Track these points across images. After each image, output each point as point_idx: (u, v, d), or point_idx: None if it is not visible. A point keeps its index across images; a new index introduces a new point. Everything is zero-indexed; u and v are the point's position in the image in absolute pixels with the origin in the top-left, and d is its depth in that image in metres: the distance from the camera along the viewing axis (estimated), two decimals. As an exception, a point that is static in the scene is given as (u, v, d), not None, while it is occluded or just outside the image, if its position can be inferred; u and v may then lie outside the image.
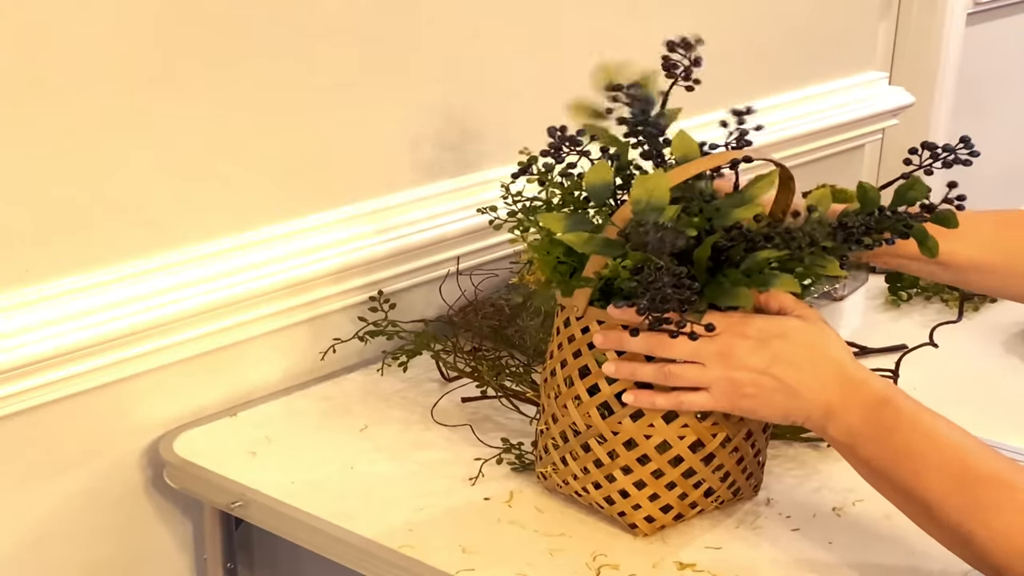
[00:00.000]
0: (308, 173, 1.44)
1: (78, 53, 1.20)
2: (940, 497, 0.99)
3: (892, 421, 1.03)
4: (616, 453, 1.12)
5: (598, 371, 1.11)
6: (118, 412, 1.32)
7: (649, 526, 1.14)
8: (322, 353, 1.46)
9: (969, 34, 2.56)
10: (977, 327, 1.59)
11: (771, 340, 1.06)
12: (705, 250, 1.06)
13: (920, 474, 1.01)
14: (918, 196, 1.09)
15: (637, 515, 1.13)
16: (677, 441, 1.11)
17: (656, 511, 1.13)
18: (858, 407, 1.04)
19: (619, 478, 1.12)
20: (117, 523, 1.35)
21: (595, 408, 1.11)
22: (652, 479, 1.12)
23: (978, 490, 0.98)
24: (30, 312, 1.21)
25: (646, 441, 1.11)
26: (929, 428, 1.03)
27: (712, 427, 1.11)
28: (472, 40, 1.56)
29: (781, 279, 1.07)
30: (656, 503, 1.13)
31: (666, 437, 1.11)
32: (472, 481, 1.24)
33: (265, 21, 1.34)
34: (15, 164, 1.19)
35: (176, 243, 1.33)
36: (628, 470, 1.12)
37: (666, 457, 1.11)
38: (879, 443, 1.03)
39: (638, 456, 1.11)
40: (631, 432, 1.11)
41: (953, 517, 0.98)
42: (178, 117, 1.29)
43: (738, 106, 1.17)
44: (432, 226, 1.54)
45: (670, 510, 1.13)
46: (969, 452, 1.01)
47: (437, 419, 1.36)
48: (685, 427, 1.10)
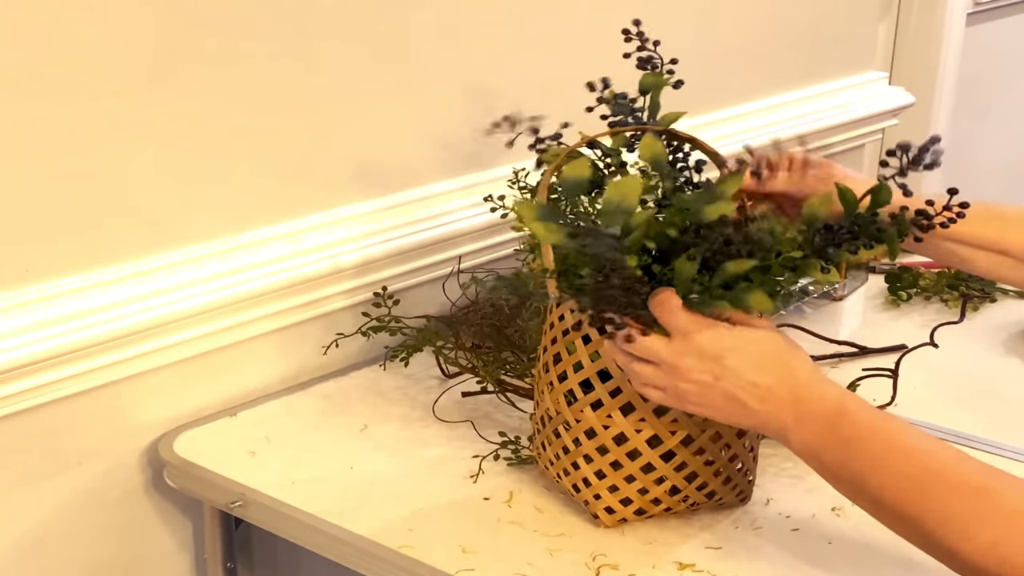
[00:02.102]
0: (308, 173, 1.44)
1: (77, 53, 1.20)
2: (913, 508, 0.96)
3: (850, 431, 1.00)
4: (579, 441, 1.14)
5: (567, 358, 1.13)
6: (118, 412, 1.32)
7: (610, 517, 1.15)
8: (324, 347, 1.46)
9: (969, 34, 2.56)
10: (977, 327, 1.59)
11: (724, 353, 1.02)
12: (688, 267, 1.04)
13: (886, 486, 0.97)
14: (886, 201, 1.08)
15: (598, 505, 1.15)
16: (634, 434, 1.12)
17: (616, 503, 1.14)
18: (813, 420, 1.01)
19: (582, 466, 1.14)
20: (117, 523, 1.35)
21: (563, 395, 1.14)
22: (611, 470, 1.13)
23: (951, 501, 0.95)
24: (30, 312, 1.21)
25: (604, 431, 1.12)
26: (889, 436, 0.99)
27: (671, 424, 1.11)
28: (474, 39, 1.56)
29: (753, 296, 1.04)
30: (616, 495, 1.14)
31: (623, 429, 1.12)
32: (473, 479, 1.24)
33: (265, 21, 1.34)
34: (15, 164, 1.19)
35: (176, 243, 1.33)
36: (589, 459, 1.14)
37: (623, 449, 1.12)
38: (839, 454, 1.00)
39: (597, 446, 1.13)
40: (591, 421, 1.12)
41: (934, 530, 0.94)
42: (178, 117, 1.30)
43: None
44: (433, 225, 1.54)
45: (630, 503, 1.14)
46: (934, 458, 0.97)
47: (438, 416, 1.37)
48: (642, 421, 1.11)
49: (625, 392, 1.10)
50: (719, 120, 1.94)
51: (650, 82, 1.21)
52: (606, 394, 1.11)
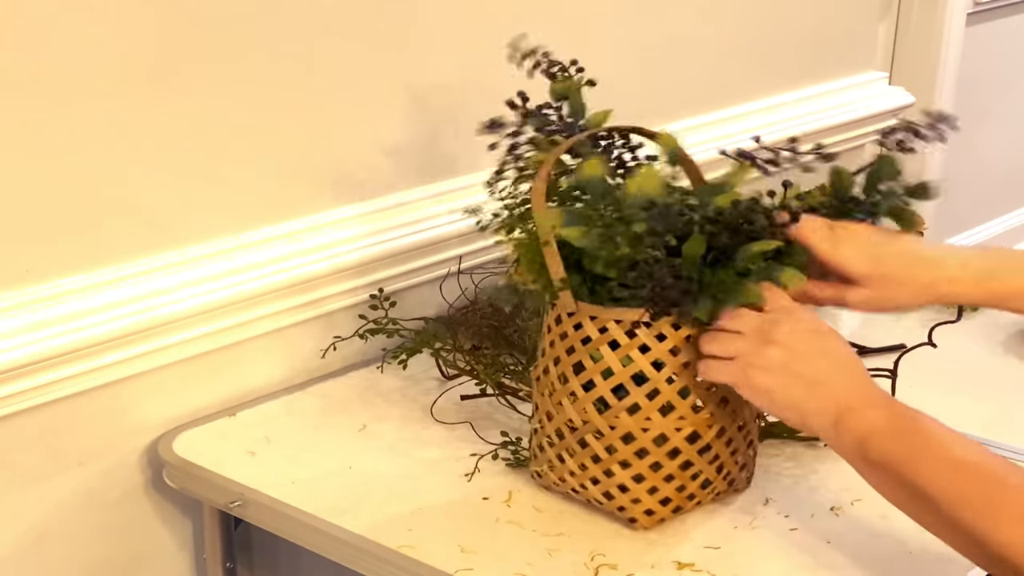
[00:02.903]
0: (308, 173, 1.44)
1: (78, 53, 1.20)
2: (953, 498, 0.98)
3: (911, 423, 1.03)
4: (614, 448, 1.12)
5: (593, 367, 1.11)
6: (118, 412, 1.32)
7: (649, 519, 1.14)
8: (323, 351, 1.46)
9: (969, 34, 2.56)
10: (977, 327, 1.59)
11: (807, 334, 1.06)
12: (696, 245, 1.06)
13: (935, 475, 1.00)
14: (890, 175, 1.08)
15: (636, 509, 1.14)
16: (674, 433, 1.11)
17: (656, 504, 1.14)
18: (879, 407, 1.04)
19: (617, 473, 1.13)
20: (117, 523, 1.35)
21: (591, 404, 1.12)
22: (651, 472, 1.12)
23: (997, 494, 0.97)
24: (30, 312, 1.21)
25: (643, 435, 1.11)
26: (946, 435, 1.02)
27: (708, 418, 1.12)
28: (474, 40, 1.56)
29: (785, 272, 1.07)
30: (655, 496, 1.13)
31: (663, 430, 1.11)
32: (468, 477, 1.24)
33: (265, 22, 1.34)
34: (15, 164, 1.19)
35: (176, 243, 1.33)
36: (626, 464, 1.12)
37: (664, 450, 1.12)
38: (895, 441, 1.02)
39: (636, 450, 1.12)
40: (628, 426, 1.11)
41: (967, 519, 0.97)
42: (178, 117, 1.30)
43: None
44: (432, 226, 1.54)
45: (669, 503, 1.14)
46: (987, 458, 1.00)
47: (437, 417, 1.37)
48: (682, 419, 1.11)
49: (663, 393, 1.10)
50: (719, 120, 1.94)
51: (560, 88, 1.21)
52: (643, 397, 1.10)
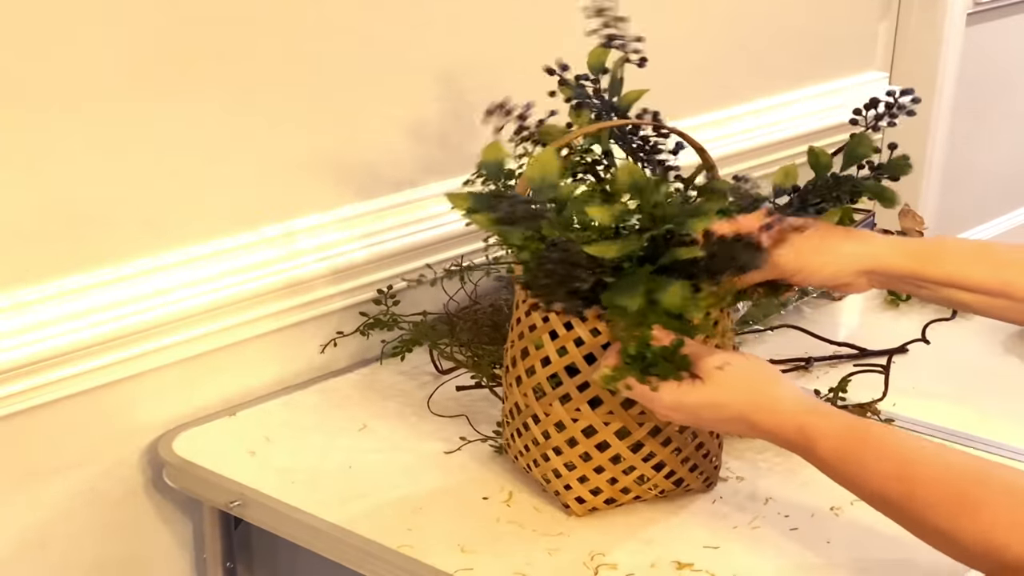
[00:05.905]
0: (308, 173, 1.44)
1: (78, 55, 1.20)
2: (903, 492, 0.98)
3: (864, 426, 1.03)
4: (548, 434, 1.14)
5: (534, 353, 1.13)
6: (118, 412, 1.32)
7: (580, 507, 1.16)
8: (323, 346, 1.47)
9: (969, 34, 2.56)
10: (977, 327, 1.59)
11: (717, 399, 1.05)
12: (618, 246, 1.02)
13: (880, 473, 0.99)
14: (866, 153, 1.08)
15: (568, 495, 1.16)
16: (603, 427, 1.12)
17: (586, 493, 1.15)
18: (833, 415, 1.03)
19: (552, 458, 1.15)
20: (117, 523, 1.35)
21: (531, 389, 1.14)
22: (580, 462, 1.14)
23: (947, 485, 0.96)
24: (30, 312, 1.21)
25: (573, 424, 1.13)
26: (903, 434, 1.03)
27: (639, 416, 1.12)
28: (475, 39, 1.56)
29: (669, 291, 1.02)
30: (586, 485, 1.15)
31: (591, 422, 1.12)
32: (448, 455, 1.27)
33: (265, 22, 1.35)
34: (15, 164, 1.19)
35: (176, 243, 1.33)
36: (559, 451, 1.14)
37: (592, 441, 1.13)
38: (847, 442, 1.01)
39: (567, 439, 1.13)
40: (560, 415, 1.13)
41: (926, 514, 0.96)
42: (178, 117, 1.30)
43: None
44: (432, 226, 1.54)
45: (599, 493, 1.15)
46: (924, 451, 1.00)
47: (434, 411, 1.38)
48: (610, 414, 1.12)
49: (593, 387, 1.11)
50: (719, 120, 1.94)
51: (596, 60, 1.20)
52: (574, 388, 1.12)
